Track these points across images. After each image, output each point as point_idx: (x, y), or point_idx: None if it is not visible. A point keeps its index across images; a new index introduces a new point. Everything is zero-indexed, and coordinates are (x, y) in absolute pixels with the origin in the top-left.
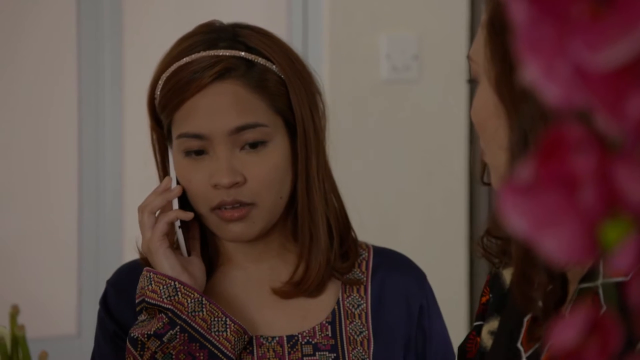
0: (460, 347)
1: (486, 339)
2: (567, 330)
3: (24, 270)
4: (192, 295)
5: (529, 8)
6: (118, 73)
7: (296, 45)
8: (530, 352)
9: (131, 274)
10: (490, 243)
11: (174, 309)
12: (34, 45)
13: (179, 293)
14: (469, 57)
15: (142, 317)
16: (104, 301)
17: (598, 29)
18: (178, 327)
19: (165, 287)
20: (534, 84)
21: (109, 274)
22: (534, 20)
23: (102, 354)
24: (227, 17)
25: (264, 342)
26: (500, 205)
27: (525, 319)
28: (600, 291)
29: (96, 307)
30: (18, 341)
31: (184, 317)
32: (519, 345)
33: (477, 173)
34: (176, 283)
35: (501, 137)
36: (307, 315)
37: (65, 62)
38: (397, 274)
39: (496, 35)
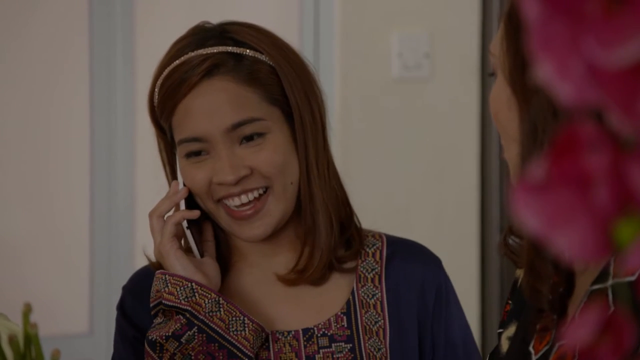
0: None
1: (504, 345)
2: (580, 329)
3: (37, 269)
4: (209, 296)
5: (542, 6)
6: (130, 67)
7: (308, 45)
8: (539, 354)
9: (146, 279)
10: (513, 242)
11: (192, 310)
12: (44, 39)
13: (197, 294)
14: (489, 51)
15: (158, 320)
16: (122, 307)
17: (611, 26)
18: (196, 327)
19: (182, 288)
20: (547, 82)
21: (120, 272)
22: (547, 18)
23: (122, 359)
24: (238, 17)
25: (280, 337)
26: (513, 203)
27: (538, 325)
28: (610, 292)
29: (108, 305)
30: (31, 339)
31: (201, 317)
32: (530, 348)
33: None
34: (193, 284)
35: (513, 129)
36: (322, 308)
37: (77, 53)
38: (412, 262)
39: (513, 29)
